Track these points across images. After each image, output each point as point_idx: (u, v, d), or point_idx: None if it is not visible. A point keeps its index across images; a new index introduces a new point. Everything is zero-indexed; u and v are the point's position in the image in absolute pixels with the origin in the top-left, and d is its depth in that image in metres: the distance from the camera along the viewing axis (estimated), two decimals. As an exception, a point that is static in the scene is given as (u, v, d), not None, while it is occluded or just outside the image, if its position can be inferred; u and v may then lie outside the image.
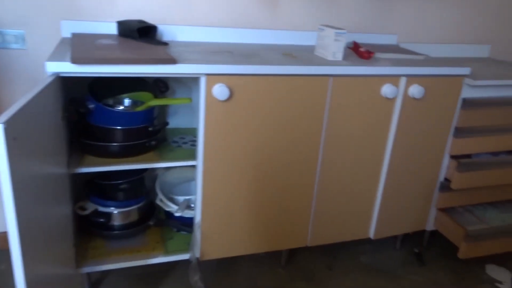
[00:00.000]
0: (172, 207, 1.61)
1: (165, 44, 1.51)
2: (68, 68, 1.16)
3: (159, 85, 1.57)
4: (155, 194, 1.66)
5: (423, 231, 1.97)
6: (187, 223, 1.64)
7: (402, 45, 2.05)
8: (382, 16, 2.00)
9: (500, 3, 2.20)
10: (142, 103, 1.49)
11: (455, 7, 2.12)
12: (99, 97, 1.42)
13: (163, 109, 1.75)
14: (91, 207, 1.52)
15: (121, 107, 1.52)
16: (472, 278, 1.85)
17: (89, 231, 1.58)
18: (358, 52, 1.67)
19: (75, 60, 1.14)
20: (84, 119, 1.42)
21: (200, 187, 1.45)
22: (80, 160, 1.40)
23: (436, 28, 2.13)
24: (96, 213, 1.53)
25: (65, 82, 1.29)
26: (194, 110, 1.78)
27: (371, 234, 1.81)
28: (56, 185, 1.18)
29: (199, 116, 1.37)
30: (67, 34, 1.54)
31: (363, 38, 1.97)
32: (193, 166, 1.50)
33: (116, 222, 1.59)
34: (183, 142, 1.65)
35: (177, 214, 1.59)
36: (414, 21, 2.07)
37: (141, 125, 1.44)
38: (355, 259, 1.90)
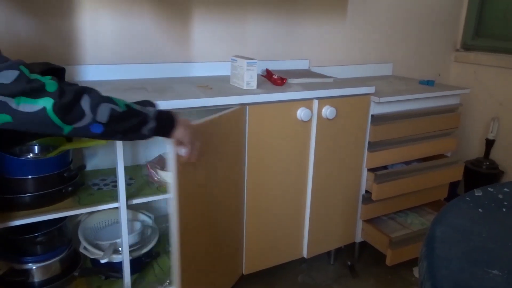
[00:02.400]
0: (98, 254, 1.52)
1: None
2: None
3: (73, 128, 1.50)
4: (79, 242, 1.57)
5: (354, 244, 2.05)
6: (115, 269, 1.56)
7: (314, 69, 2.17)
8: (293, 43, 2.11)
9: (398, 23, 2.43)
10: (55, 147, 1.42)
11: (358, 30, 2.30)
12: (4, 146, 1.33)
13: (79, 151, 1.68)
14: (4, 266, 1.39)
15: (30, 155, 1.44)
16: (401, 282, 1.95)
17: (5, 293, 1.45)
18: (272, 79, 1.74)
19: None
20: (-10, 171, 1.32)
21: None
22: (-13, 217, 1.29)
23: (343, 50, 2.29)
24: (12, 271, 1.41)
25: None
26: (113, 150, 1.73)
27: (305, 253, 1.85)
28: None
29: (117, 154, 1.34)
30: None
31: (277, 65, 2.06)
32: (117, 208, 1.44)
33: (37, 278, 1.47)
34: (104, 184, 1.59)
35: (103, 261, 1.51)
36: (323, 45, 2.21)
37: (55, 172, 1.37)
38: (292, 280, 1.93)
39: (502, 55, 2.45)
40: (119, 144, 1.32)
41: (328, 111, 1.67)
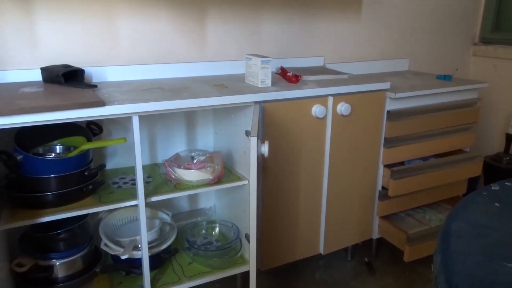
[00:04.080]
0: (118, 250, 1.56)
1: (94, 86, 1.50)
2: (-11, 121, 1.12)
3: (92, 128, 1.55)
4: (100, 239, 1.61)
5: (371, 240, 2.05)
6: (135, 265, 1.60)
7: (329, 66, 2.17)
8: (307, 40, 2.11)
9: (414, 18, 2.40)
10: (75, 147, 1.46)
11: (373, 26, 2.28)
12: (28, 146, 1.38)
13: (100, 151, 1.72)
14: (29, 262, 1.44)
15: (52, 155, 1.48)
16: (419, 279, 1.94)
17: (31, 289, 1.50)
18: (286, 77, 1.74)
19: (-5, 113, 1.11)
20: (15, 171, 1.37)
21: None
22: (13, 214, 1.33)
23: (358, 47, 2.28)
24: (36, 268, 1.45)
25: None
26: (132, 149, 1.77)
27: (321, 249, 1.86)
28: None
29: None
30: (-12, 85, 1.49)
31: (292, 63, 2.07)
32: (136, 206, 1.47)
33: (60, 274, 1.51)
34: (124, 182, 1.62)
35: (123, 257, 1.54)
36: (338, 42, 2.20)
37: (76, 171, 1.41)
38: (310, 277, 1.93)
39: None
40: (137, 143, 1.35)
41: (343, 108, 1.67)
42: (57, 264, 1.49)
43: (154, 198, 1.48)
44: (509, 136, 2.41)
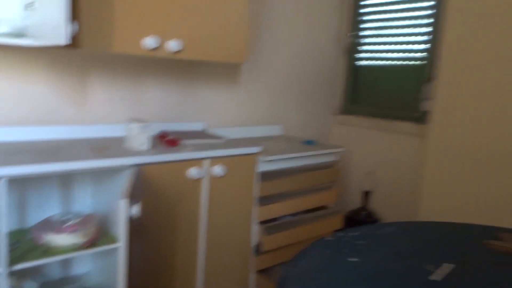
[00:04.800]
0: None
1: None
2: None
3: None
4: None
5: (249, 295, 2.15)
6: None
7: (210, 130, 2.34)
8: (189, 106, 2.27)
9: (286, 90, 2.74)
10: None
11: (250, 94, 2.55)
12: None
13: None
14: None
15: None
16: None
17: None
18: (166, 141, 1.85)
19: None
20: None
21: None
22: None
23: (238, 113, 2.51)
24: None
25: None
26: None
27: (200, 308, 1.90)
28: None
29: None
30: None
31: (173, 127, 2.19)
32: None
33: None
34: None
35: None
36: (218, 108, 2.40)
37: None
38: (190, 338, 1.94)
39: (374, 119, 2.87)
40: (2, 208, 1.31)
41: (218, 170, 1.81)
42: None
43: (20, 266, 1.41)
44: (366, 193, 2.79)
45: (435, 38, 2.50)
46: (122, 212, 1.36)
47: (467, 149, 2.20)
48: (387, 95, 2.83)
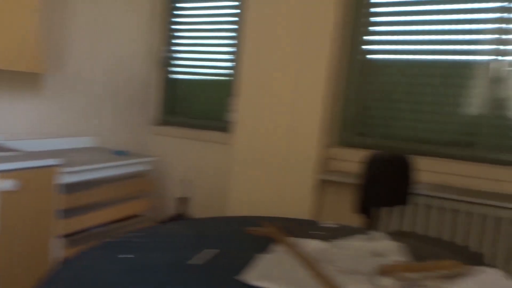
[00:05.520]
0: None
1: None
2: None
3: None
4: None
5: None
6: None
7: (7, 143, 2.17)
8: (-20, 118, 2.07)
9: (99, 100, 2.71)
10: None
11: (57, 105, 2.45)
12: None
13: None
14: None
15: None
16: None
17: None
18: None
19: None
20: None
21: None
22: None
23: (41, 125, 2.38)
24: None
25: None
26: None
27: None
28: None
29: None
30: None
31: (-41, 140, 1.97)
32: None
33: None
34: None
35: None
36: (16, 119, 2.25)
37: None
38: None
39: (190, 129, 3.06)
40: None
41: (10, 184, 1.71)
42: None
43: None
44: (182, 199, 2.96)
45: (237, 57, 2.84)
46: None
47: (262, 154, 2.56)
48: (200, 107, 3.06)
